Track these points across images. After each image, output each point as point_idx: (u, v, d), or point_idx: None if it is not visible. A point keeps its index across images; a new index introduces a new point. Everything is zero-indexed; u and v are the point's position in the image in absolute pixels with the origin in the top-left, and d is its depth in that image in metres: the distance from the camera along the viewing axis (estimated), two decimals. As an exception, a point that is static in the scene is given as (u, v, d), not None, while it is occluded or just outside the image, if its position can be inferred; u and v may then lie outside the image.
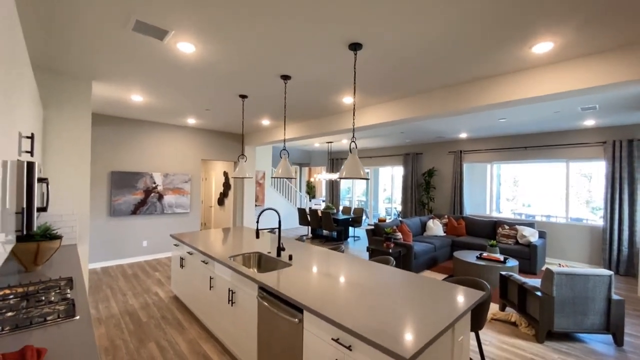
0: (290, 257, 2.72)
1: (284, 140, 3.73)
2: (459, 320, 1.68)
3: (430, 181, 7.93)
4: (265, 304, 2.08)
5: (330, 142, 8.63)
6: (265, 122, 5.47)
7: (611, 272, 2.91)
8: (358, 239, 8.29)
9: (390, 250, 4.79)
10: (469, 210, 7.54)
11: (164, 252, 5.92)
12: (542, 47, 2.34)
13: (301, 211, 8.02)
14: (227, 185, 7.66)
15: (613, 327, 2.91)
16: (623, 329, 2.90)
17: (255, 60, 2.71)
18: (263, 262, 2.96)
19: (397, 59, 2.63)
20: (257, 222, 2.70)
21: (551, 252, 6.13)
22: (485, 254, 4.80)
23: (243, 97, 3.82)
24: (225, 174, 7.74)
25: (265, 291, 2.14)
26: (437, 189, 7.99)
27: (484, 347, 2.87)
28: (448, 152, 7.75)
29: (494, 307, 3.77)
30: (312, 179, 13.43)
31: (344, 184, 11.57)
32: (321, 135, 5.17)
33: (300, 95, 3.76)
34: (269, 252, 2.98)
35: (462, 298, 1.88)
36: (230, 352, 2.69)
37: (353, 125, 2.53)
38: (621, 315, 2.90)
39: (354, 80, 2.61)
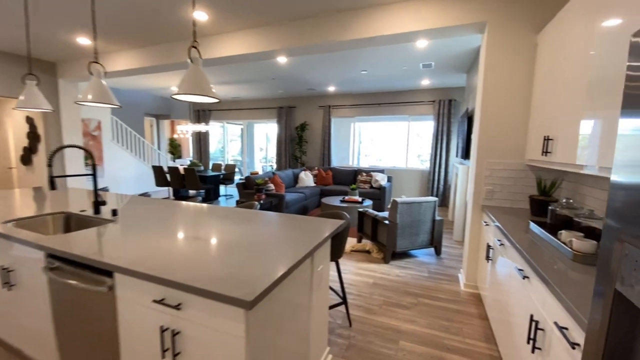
0: (115, 213, 2.00)
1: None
2: (318, 249, 1.53)
3: (302, 135, 8.01)
4: (58, 277, 1.40)
5: (192, 88, 7.34)
6: (84, 41, 3.92)
7: (436, 199, 3.57)
8: (231, 197, 7.75)
9: (262, 202, 4.54)
10: (336, 163, 8.12)
11: None
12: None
13: (157, 170, 6.70)
14: (34, 137, 5.45)
15: (435, 241, 3.65)
16: (441, 242, 3.68)
17: None
18: (73, 224, 2.10)
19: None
20: (49, 165, 1.80)
21: (395, 193, 7.39)
22: (347, 197, 5.22)
23: (19, -20, 2.43)
24: (30, 121, 5.46)
25: (59, 259, 1.43)
26: (309, 143, 8.18)
27: (343, 275, 3.07)
28: (319, 106, 7.92)
29: (352, 241, 4.15)
30: (175, 136, 11.54)
31: (215, 144, 10.42)
32: (169, 69, 4.13)
33: (127, -4, 2.70)
34: (83, 211, 2.13)
35: (322, 228, 1.75)
36: (18, 351, 1.85)
37: (193, 26, 1.90)
38: (441, 232, 3.65)
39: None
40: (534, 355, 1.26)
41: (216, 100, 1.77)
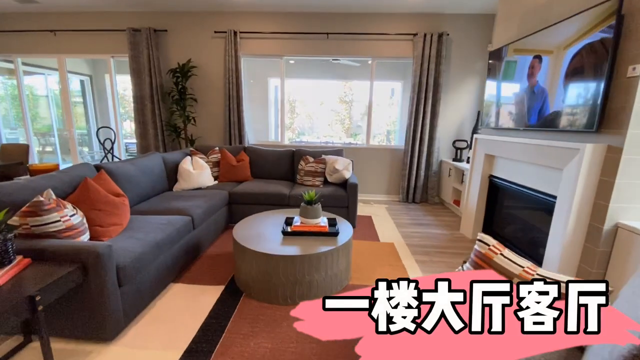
0: None
1: None
2: None
3: (186, 86, 4.32)
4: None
5: None
6: None
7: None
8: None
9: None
10: (252, 139, 4.81)
11: None
12: None
13: None
14: None
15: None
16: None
17: None
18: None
19: None
20: None
21: (362, 188, 4.70)
22: (298, 224, 2.18)
23: None
24: None
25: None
26: (201, 103, 4.57)
27: None
28: (215, 32, 4.30)
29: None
30: None
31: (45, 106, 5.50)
32: None
33: None
34: None
35: None
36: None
37: None
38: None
39: None
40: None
41: None
